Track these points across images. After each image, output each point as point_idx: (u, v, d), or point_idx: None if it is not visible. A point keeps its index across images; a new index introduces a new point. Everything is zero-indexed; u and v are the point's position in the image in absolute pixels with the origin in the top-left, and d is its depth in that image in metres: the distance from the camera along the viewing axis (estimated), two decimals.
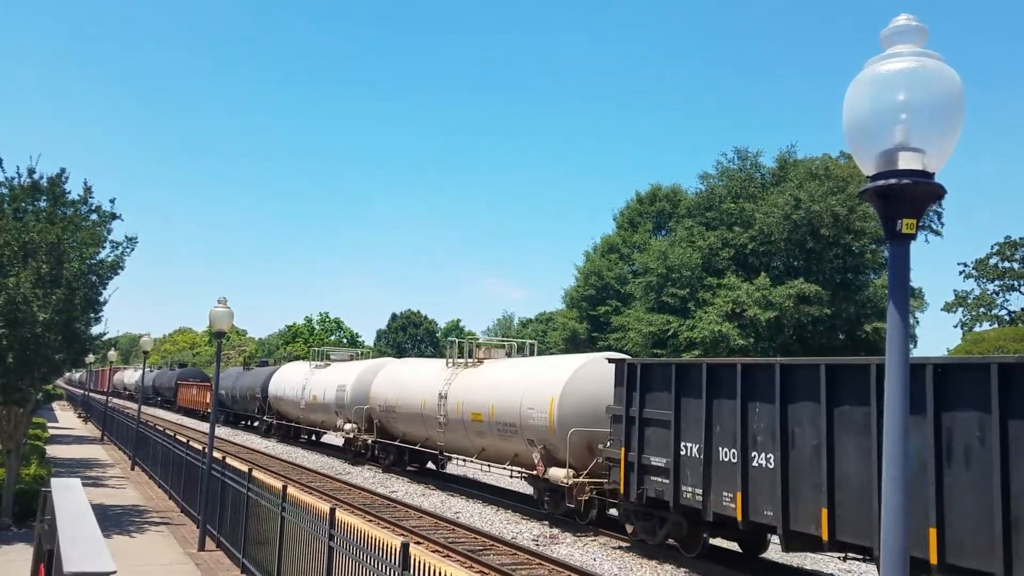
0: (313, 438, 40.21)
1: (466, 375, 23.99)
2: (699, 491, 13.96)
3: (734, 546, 16.10)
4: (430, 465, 28.90)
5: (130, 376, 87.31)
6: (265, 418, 42.88)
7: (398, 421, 27.46)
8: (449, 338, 28.54)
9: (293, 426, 39.85)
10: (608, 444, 16.87)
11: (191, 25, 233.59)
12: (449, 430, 23.96)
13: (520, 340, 29.32)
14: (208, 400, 52.19)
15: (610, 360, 17.50)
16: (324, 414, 34.26)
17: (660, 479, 14.97)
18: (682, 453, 14.49)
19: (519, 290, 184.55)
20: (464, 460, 24.36)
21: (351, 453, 31.78)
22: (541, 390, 19.57)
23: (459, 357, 25.73)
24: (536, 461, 19.24)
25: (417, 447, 26.63)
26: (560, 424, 18.62)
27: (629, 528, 16.45)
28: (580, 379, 18.99)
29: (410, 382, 27.11)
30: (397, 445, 27.86)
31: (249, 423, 49.86)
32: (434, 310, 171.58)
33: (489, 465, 23.15)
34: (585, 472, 18.01)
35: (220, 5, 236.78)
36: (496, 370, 23.06)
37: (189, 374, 68.55)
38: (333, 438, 36.90)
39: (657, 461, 15.08)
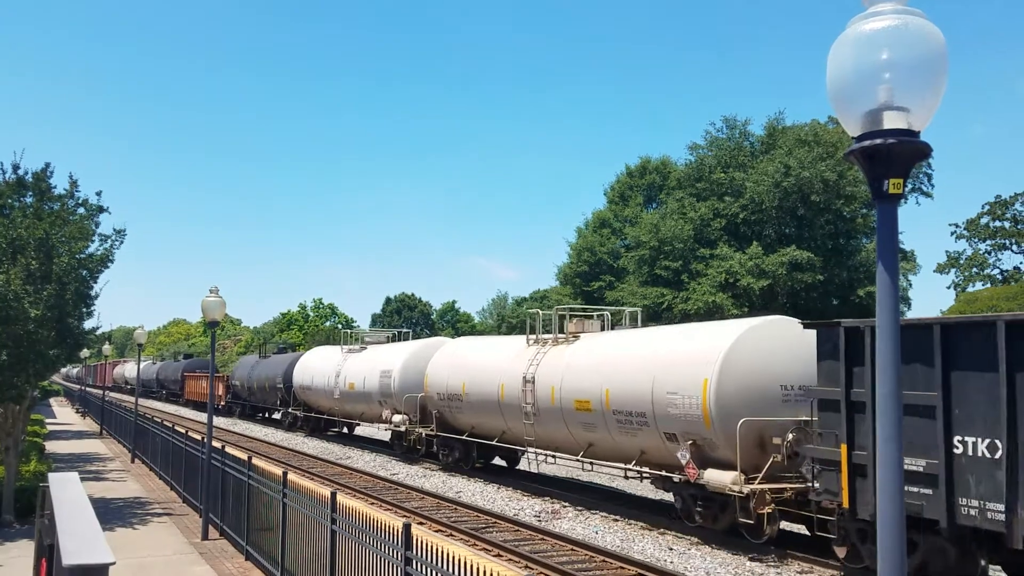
0: (344, 431, 37.24)
1: (558, 353, 19.77)
2: (997, 506, 10.02)
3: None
4: (498, 461, 25.27)
5: (132, 370, 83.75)
6: (290, 410, 38.87)
7: (464, 411, 23.48)
8: (530, 311, 24.80)
9: (324, 418, 35.98)
10: (791, 437, 13.84)
11: (180, 18, 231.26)
12: (540, 422, 19.75)
13: (615, 308, 25.22)
14: (219, 392, 50.05)
15: (807, 325, 13.43)
16: (365, 404, 30.31)
17: (915, 488, 10.94)
18: (957, 451, 10.59)
19: (512, 269, 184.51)
20: (555, 457, 20.20)
21: (400, 448, 27.74)
22: (687, 368, 15.31)
23: (544, 332, 21.71)
24: (684, 462, 15.03)
25: (493, 442, 22.75)
26: (720, 412, 14.40)
27: (841, 552, 12.53)
28: (746, 350, 14.76)
29: (480, 365, 23.00)
30: (464, 440, 23.87)
31: (267, 416, 47.18)
32: (428, 293, 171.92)
33: (592, 464, 18.85)
34: (761, 475, 13.86)
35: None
36: (604, 345, 18.66)
37: (196, 365, 64.44)
38: (374, 431, 33.49)
39: (908, 463, 10.85)
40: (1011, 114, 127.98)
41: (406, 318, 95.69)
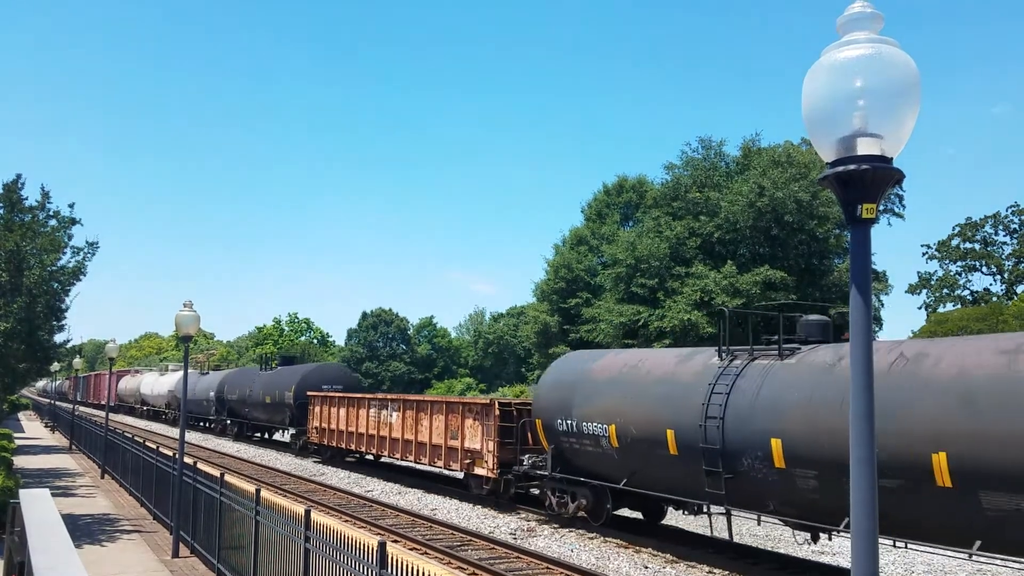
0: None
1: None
2: None
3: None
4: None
5: (153, 383, 59.28)
6: None
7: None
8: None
9: None
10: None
11: (149, 26, 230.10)
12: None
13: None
14: (485, 447, 21.77)
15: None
16: None
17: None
18: None
19: (490, 284, 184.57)
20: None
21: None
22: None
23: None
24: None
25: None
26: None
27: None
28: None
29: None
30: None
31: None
32: (405, 307, 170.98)
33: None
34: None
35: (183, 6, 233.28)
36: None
37: (321, 376, 36.06)
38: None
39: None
40: (982, 136, 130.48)
41: (382, 333, 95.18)
